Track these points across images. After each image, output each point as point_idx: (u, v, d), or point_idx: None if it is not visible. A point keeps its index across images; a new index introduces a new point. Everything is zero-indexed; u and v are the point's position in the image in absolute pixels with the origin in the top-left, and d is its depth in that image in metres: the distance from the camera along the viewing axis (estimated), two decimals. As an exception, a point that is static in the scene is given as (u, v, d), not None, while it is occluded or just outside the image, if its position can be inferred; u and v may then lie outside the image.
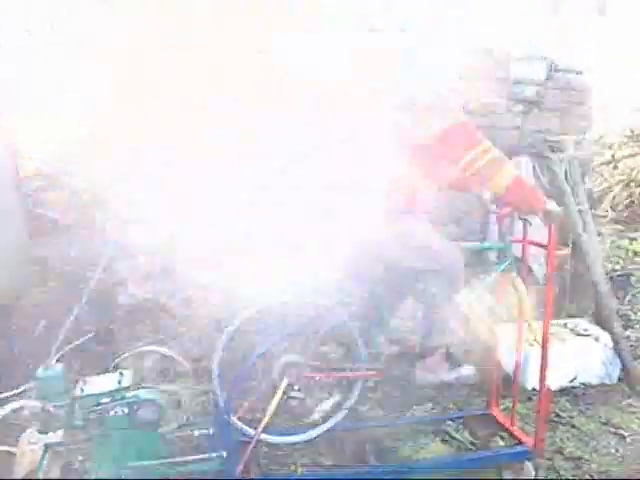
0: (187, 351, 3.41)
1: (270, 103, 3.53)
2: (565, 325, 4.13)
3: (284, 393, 2.62)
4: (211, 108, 3.53)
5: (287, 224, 3.41)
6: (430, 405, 3.61)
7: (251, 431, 2.71)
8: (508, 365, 3.26)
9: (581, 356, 3.87)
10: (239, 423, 2.74)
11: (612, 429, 3.38)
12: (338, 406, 2.84)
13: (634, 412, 3.58)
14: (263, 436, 2.69)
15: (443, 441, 3.22)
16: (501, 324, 3.16)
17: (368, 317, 2.88)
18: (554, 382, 3.65)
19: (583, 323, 4.20)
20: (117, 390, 2.38)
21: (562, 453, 3.12)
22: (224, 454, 2.45)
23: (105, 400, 2.36)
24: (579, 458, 3.08)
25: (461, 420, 3.31)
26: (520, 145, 4.31)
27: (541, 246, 2.79)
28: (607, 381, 3.89)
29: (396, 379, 2.80)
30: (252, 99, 3.51)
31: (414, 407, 3.57)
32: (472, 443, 3.20)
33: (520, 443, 2.87)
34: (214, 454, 2.45)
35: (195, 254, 3.83)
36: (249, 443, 2.61)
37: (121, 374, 2.49)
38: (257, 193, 3.63)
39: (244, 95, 3.53)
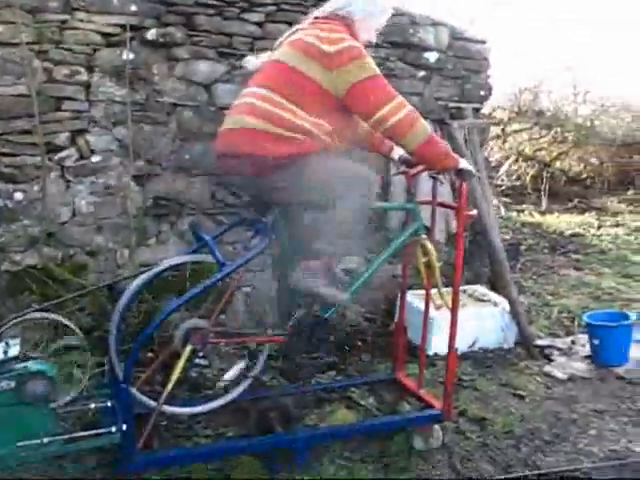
0: (79, 320, 3.14)
1: None
2: (464, 291, 4.19)
3: (188, 360, 2.44)
4: None
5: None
6: (334, 373, 3.55)
7: (152, 402, 2.51)
8: (410, 330, 3.25)
9: (480, 321, 3.94)
10: (138, 394, 2.54)
11: (512, 390, 3.45)
12: (243, 374, 2.69)
13: (531, 374, 3.68)
14: (164, 407, 2.51)
15: (349, 408, 3.16)
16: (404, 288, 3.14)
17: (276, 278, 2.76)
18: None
19: (481, 289, 4.28)
20: (2, 362, 2.11)
21: (466, 415, 3.15)
22: (124, 427, 2.24)
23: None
24: (483, 419, 3.11)
25: (366, 386, 3.27)
26: (421, 111, 4.28)
27: (451, 207, 2.76)
28: (505, 345, 3.99)
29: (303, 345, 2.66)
30: None
31: (317, 375, 3.49)
32: (378, 409, 3.17)
33: (429, 406, 2.85)
34: (112, 428, 2.24)
35: (87, 217, 3.54)
36: (150, 415, 2.42)
37: (7, 344, 2.21)
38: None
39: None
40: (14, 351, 2.17)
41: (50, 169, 3.42)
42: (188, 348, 2.43)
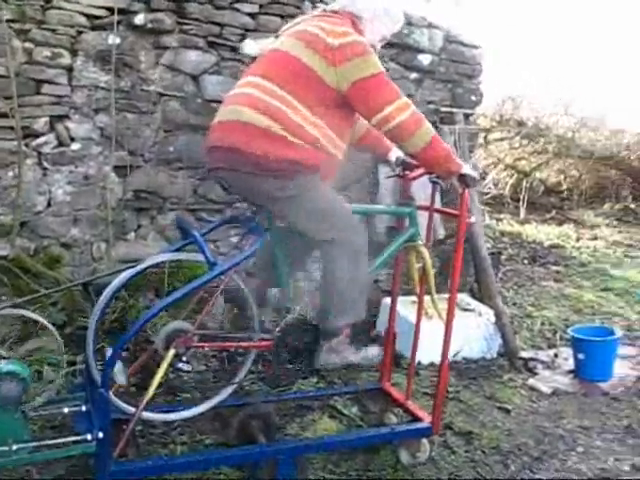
0: (50, 315, 2.96)
1: None
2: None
3: (170, 365, 2.30)
4: None
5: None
6: (315, 380, 3.43)
7: (128, 407, 2.37)
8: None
9: (465, 331, 3.85)
10: (114, 398, 2.38)
11: (497, 403, 3.37)
12: (227, 380, 2.56)
13: (515, 387, 3.60)
14: (144, 414, 2.36)
15: (331, 417, 3.05)
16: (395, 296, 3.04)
17: (264, 283, 2.63)
18: (438, 357, 3.59)
19: (466, 298, 4.20)
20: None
21: (452, 428, 3.05)
22: (100, 435, 2.09)
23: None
24: (469, 433, 3.02)
25: (349, 395, 3.15)
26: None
27: (451, 214, 2.66)
28: (487, 356, 3.92)
29: (290, 350, 2.55)
30: None
31: (298, 381, 3.37)
32: (361, 419, 3.06)
33: (417, 419, 2.75)
34: (88, 436, 2.09)
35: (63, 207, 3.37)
36: (126, 421, 2.27)
37: (-26, 342, 2.05)
38: None
39: None
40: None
41: (26, 155, 3.24)
42: (171, 352, 2.28)
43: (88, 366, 2.31)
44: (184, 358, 2.33)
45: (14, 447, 1.99)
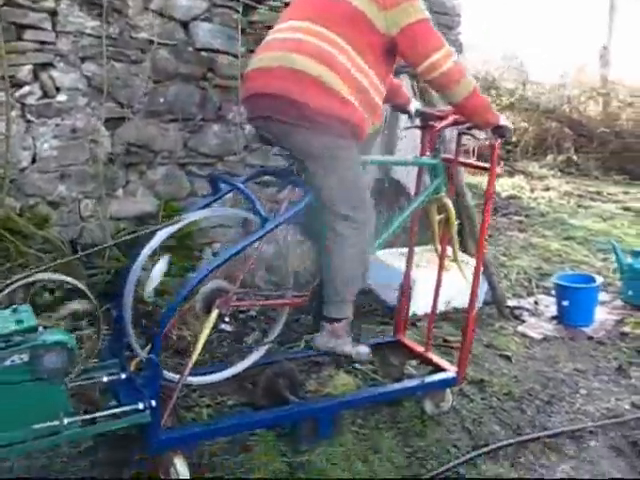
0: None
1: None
2: (435, 250, 4.13)
3: (214, 327, 2.21)
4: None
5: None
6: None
7: (169, 373, 2.28)
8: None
9: (455, 280, 3.91)
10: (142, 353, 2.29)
11: (497, 351, 3.47)
12: (261, 338, 2.50)
13: (508, 334, 3.72)
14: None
15: (347, 372, 3.05)
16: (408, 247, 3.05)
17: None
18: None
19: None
20: (17, 332, 1.80)
21: (465, 377, 3.10)
22: (153, 403, 2.00)
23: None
24: (481, 381, 3.10)
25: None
26: (399, 65, 4.15)
27: (482, 168, 2.67)
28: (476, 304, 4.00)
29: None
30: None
31: (303, 337, 3.34)
32: (375, 372, 3.07)
33: (441, 370, 2.79)
34: (139, 404, 1.99)
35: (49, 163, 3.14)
36: (169, 388, 2.18)
37: (14, 310, 1.89)
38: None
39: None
40: (30, 320, 1.85)
41: (11, 107, 2.99)
42: (214, 312, 2.19)
43: (126, 332, 2.20)
44: (226, 318, 2.25)
45: (65, 421, 1.88)
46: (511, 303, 4.08)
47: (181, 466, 2.11)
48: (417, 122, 2.82)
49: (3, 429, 1.81)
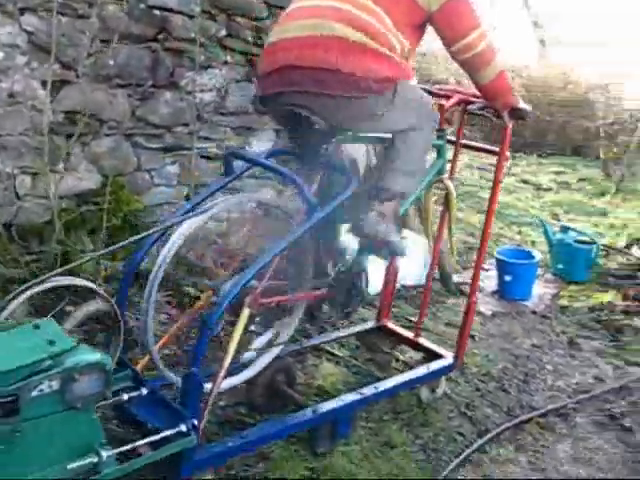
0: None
1: None
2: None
3: (245, 327, 1.97)
4: None
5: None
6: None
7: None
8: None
9: (404, 260, 3.88)
10: (165, 370, 2.01)
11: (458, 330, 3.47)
12: (275, 337, 2.29)
13: (460, 311, 3.73)
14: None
15: (328, 360, 2.92)
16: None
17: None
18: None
19: (399, 226, 4.21)
20: (53, 357, 1.47)
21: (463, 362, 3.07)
22: (194, 422, 1.74)
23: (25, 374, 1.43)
24: (459, 363, 3.09)
25: (342, 339, 3.01)
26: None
27: (491, 152, 2.62)
28: (422, 281, 3.99)
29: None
30: None
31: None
32: (355, 359, 2.96)
33: (438, 356, 2.74)
34: (182, 426, 1.73)
35: None
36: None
37: (36, 327, 1.54)
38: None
39: None
40: (63, 341, 1.51)
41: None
42: (246, 312, 1.95)
43: (146, 342, 1.90)
44: (257, 318, 2.03)
45: (104, 455, 1.58)
46: (456, 279, 4.12)
47: (212, 485, 1.89)
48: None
49: (32, 472, 1.49)
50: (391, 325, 2.96)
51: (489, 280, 4.23)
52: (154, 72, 3.12)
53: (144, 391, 1.85)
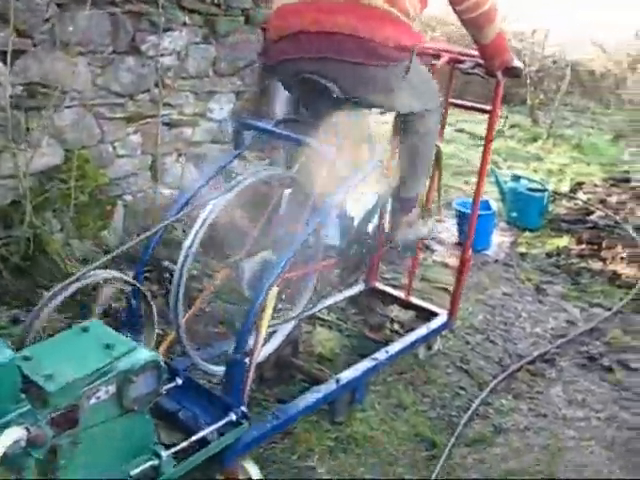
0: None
1: None
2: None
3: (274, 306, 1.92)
4: None
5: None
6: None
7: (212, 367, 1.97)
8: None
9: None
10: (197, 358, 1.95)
11: (433, 284, 3.55)
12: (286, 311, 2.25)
13: (430, 265, 3.83)
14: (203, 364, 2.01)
15: (321, 326, 2.92)
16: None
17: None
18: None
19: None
20: (111, 363, 1.37)
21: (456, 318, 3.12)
22: (244, 409, 1.70)
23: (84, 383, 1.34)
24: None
25: (337, 303, 3.00)
26: None
27: (483, 111, 2.62)
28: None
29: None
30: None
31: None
32: (345, 322, 2.97)
33: (432, 314, 2.79)
34: (233, 416, 1.68)
35: None
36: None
37: (85, 329, 1.44)
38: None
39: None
40: (121, 343, 1.41)
41: None
42: (274, 290, 1.89)
43: (177, 328, 1.82)
44: (283, 295, 1.98)
45: (164, 455, 1.52)
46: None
47: (252, 467, 1.87)
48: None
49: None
50: (381, 286, 2.97)
51: (447, 232, 4.31)
52: (115, 37, 2.92)
53: (179, 381, 1.78)
